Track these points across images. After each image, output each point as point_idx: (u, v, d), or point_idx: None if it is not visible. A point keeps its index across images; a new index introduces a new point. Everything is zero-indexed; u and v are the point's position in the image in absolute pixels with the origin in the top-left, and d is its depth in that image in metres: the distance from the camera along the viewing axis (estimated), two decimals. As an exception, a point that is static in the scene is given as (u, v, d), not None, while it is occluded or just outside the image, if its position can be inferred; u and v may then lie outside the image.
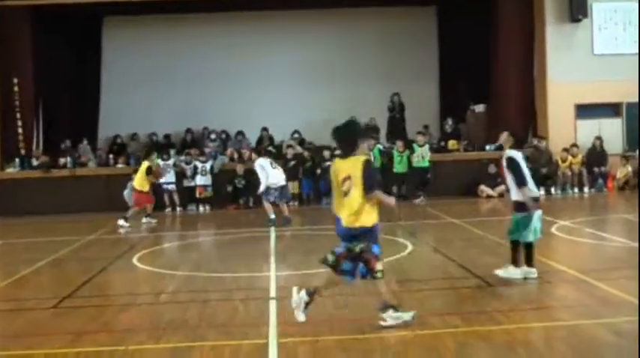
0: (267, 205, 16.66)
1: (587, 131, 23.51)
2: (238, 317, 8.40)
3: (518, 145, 10.32)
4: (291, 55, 27.47)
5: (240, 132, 25.49)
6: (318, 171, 22.00)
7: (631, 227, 14.83)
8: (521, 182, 9.66)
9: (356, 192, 7.46)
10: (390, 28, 28.05)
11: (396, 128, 25.17)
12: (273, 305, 8.71)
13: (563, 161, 22.64)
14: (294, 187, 21.55)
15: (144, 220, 18.54)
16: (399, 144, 22.43)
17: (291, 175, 20.09)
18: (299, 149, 22.93)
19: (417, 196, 21.40)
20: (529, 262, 9.77)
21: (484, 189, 21.84)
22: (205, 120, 26.19)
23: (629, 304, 8.24)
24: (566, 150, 22.76)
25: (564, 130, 23.30)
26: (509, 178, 9.91)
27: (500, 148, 11.19)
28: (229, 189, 22.03)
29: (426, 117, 26.79)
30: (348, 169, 7.56)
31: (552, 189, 22.30)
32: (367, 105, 25.82)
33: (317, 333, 7.48)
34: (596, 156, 22.87)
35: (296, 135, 24.85)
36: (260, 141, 24.61)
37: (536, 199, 10.01)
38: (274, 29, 27.49)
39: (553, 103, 23.59)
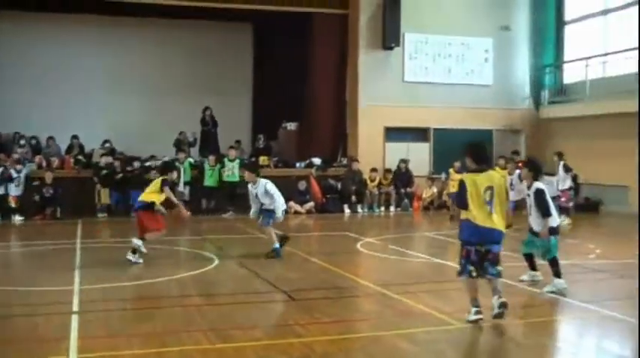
0: (270, 230, 13.73)
1: (396, 153, 24.29)
2: (39, 333, 8.02)
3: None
4: (107, 63, 27.03)
5: (51, 138, 24.38)
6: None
7: (432, 244, 15.46)
8: (547, 213, 10.25)
9: None
10: (207, 41, 28.11)
11: (209, 142, 25.07)
12: (75, 320, 8.40)
13: (372, 181, 23.26)
14: (104, 197, 21.02)
15: None
16: (211, 158, 22.38)
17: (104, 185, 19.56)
18: (109, 159, 22.34)
19: (226, 211, 21.36)
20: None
21: (293, 205, 22.04)
22: (16, 124, 25.06)
23: (427, 315, 8.63)
24: (374, 170, 23.39)
25: (374, 152, 23.98)
26: (534, 209, 10.38)
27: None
28: (37, 198, 20.80)
29: (239, 133, 26.91)
30: None
31: (359, 208, 22.80)
32: (181, 117, 25.67)
33: (116, 347, 7.29)
34: (402, 177, 23.68)
35: (107, 145, 24.11)
36: (70, 149, 23.77)
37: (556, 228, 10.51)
38: (90, 34, 27.06)
39: (364, 126, 24.24)
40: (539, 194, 10.29)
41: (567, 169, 19.60)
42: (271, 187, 13.64)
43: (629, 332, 8.14)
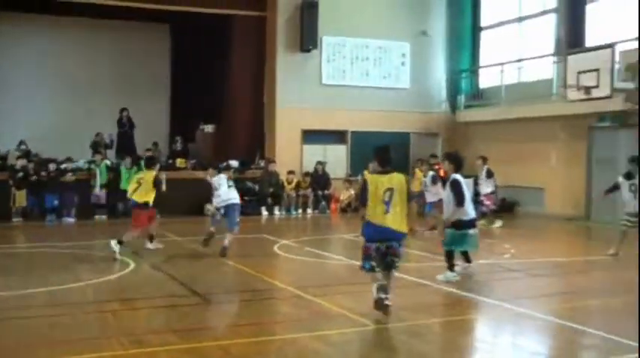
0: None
1: (313, 155, 24.39)
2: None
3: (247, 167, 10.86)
4: (22, 62, 26.49)
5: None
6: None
7: (349, 245, 15.57)
8: (460, 203, 10.93)
9: None
10: (125, 42, 27.85)
11: (126, 144, 24.74)
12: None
13: (289, 183, 23.28)
14: (20, 200, 20.54)
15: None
16: (128, 160, 22.00)
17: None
18: (24, 161, 21.82)
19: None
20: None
21: (210, 207, 21.90)
22: None
23: (342, 316, 8.73)
24: (291, 172, 23.42)
25: (291, 154, 24.03)
26: (450, 198, 11.10)
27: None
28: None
29: (156, 134, 26.64)
30: None
31: (276, 210, 22.81)
32: (98, 118, 25.40)
33: (29, 356, 7.19)
34: (319, 179, 23.79)
35: (22, 146, 23.46)
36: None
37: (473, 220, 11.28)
38: (7, 33, 26.42)
39: (281, 128, 24.24)
40: (455, 184, 10.99)
41: (490, 174, 19.90)
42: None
43: (544, 330, 8.44)
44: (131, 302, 9.88)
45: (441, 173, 24.17)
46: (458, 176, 11.19)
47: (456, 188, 11.02)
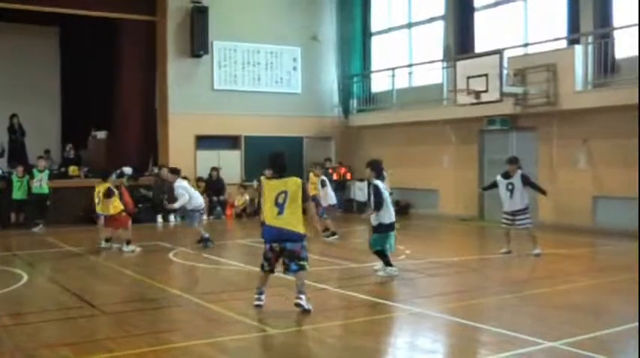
0: (198, 227, 16.53)
1: (207, 161, 24.22)
2: None
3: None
4: None
5: None
6: None
7: (245, 251, 15.54)
8: (377, 207, 11.66)
9: None
10: (12, 45, 27.04)
11: (17, 152, 24.04)
12: None
13: (183, 190, 22.98)
14: None
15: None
16: (19, 168, 21.22)
17: None
18: None
19: (36, 224, 20.50)
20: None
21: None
22: None
23: (239, 323, 8.66)
24: (185, 178, 23.05)
25: (185, 160, 23.74)
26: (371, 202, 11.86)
27: None
28: None
29: (48, 142, 26.03)
30: None
31: (171, 217, 22.52)
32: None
33: None
34: (214, 185, 23.64)
35: None
36: None
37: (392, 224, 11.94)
38: None
39: (174, 134, 24.01)
40: (375, 188, 11.74)
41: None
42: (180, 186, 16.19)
43: (440, 328, 8.58)
44: (24, 316, 9.55)
45: (334, 176, 24.54)
46: (378, 182, 11.85)
47: (376, 192, 11.71)
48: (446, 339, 8.32)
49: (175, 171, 16.86)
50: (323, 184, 18.07)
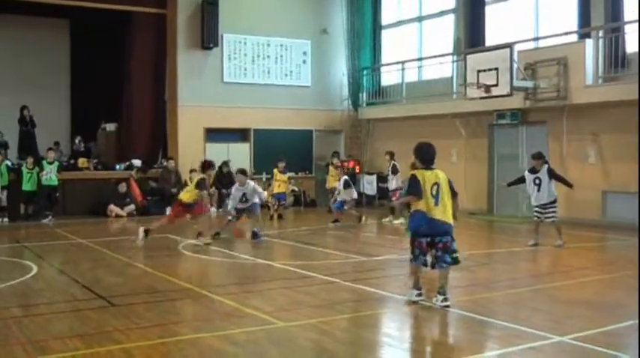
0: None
1: (217, 154, 24.18)
2: None
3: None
4: None
5: None
6: None
7: (255, 244, 15.53)
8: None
9: None
10: (24, 37, 27.28)
11: (27, 143, 24.09)
12: None
13: (192, 181, 22.92)
14: None
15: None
16: (29, 160, 21.25)
17: None
18: None
19: (46, 216, 20.57)
20: None
21: (113, 208, 21.57)
22: None
23: (248, 316, 8.65)
24: (194, 171, 23.11)
25: (194, 152, 23.80)
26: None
27: None
28: None
29: (57, 134, 26.11)
30: None
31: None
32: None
33: None
34: (223, 178, 23.62)
35: None
36: None
37: None
38: None
39: (183, 126, 24.05)
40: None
41: (395, 171, 20.05)
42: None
43: (450, 322, 8.57)
44: (34, 307, 9.56)
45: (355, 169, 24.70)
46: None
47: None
48: (455, 333, 8.32)
49: (244, 172, 16.83)
50: (347, 185, 19.10)
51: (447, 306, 8.78)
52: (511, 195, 18.46)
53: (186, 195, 15.67)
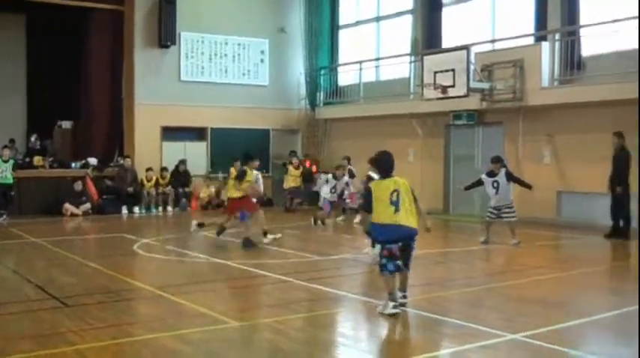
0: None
1: (173, 153, 24.08)
2: None
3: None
4: None
5: None
6: None
7: (210, 243, 15.42)
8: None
9: None
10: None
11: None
12: None
13: (148, 180, 22.87)
14: None
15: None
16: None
17: None
18: None
19: (0, 215, 20.26)
20: None
21: (69, 207, 21.33)
22: None
23: (202, 315, 8.62)
24: (150, 169, 22.98)
25: (150, 151, 23.66)
26: None
27: None
28: None
29: (13, 131, 25.75)
30: None
31: (136, 209, 22.42)
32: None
33: None
34: (180, 176, 23.54)
35: None
36: None
37: None
38: None
39: (140, 125, 23.84)
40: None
41: (351, 175, 20.08)
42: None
43: (404, 320, 8.51)
44: (-17, 308, 9.45)
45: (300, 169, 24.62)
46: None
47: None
48: (409, 332, 8.35)
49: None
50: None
51: (404, 304, 8.78)
52: (467, 194, 18.58)
53: (231, 191, 15.10)
